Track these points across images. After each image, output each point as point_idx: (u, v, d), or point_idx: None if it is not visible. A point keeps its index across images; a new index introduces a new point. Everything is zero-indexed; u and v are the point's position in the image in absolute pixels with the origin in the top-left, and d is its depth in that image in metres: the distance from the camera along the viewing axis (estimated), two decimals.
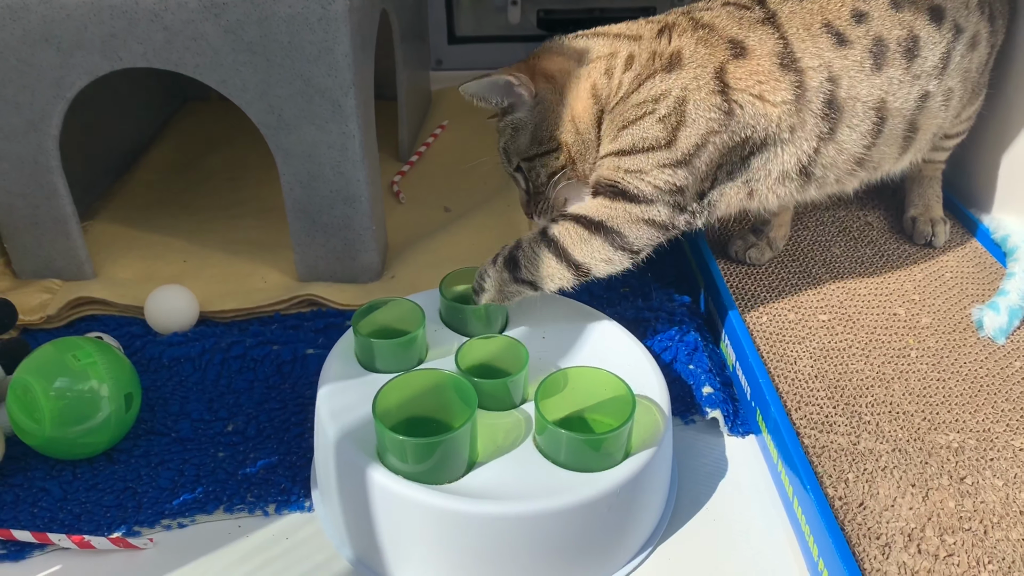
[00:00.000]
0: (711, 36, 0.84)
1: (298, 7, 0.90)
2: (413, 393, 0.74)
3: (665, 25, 0.88)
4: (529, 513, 0.68)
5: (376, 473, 0.69)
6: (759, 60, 0.82)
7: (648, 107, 0.83)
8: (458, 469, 0.70)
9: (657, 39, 0.87)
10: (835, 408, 0.85)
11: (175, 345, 0.96)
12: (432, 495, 0.68)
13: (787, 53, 0.83)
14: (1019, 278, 1.00)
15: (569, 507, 0.68)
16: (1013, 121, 1.10)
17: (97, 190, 1.26)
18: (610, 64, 0.88)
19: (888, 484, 0.77)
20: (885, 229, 1.14)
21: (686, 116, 0.81)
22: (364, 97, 0.98)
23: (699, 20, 0.85)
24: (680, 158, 0.82)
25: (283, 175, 0.99)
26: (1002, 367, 0.91)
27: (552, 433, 0.70)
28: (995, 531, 0.73)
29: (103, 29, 0.91)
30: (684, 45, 0.84)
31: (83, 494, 0.81)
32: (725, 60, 0.82)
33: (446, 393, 0.74)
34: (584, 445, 0.70)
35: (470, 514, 0.68)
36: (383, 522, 0.71)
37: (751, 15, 0.85)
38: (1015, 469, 0.79)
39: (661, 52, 0.85)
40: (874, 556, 0.71)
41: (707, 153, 0.82)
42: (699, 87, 0.81)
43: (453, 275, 0.89)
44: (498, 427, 0.75)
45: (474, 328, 0.86)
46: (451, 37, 1.73)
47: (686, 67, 0.83)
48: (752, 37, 0.83)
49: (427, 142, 1.43)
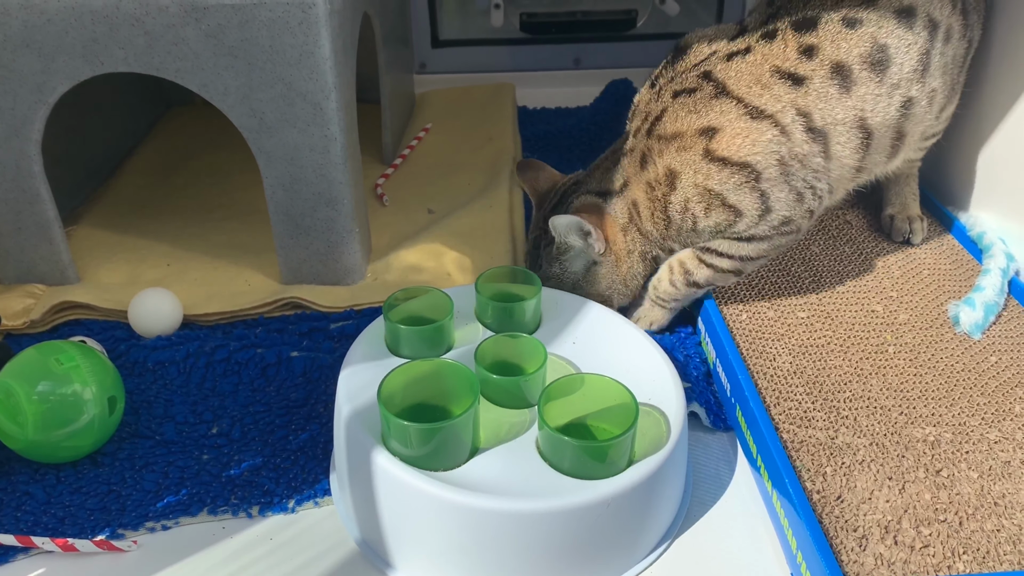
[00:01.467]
0: (682, 140, 0.89)
1: (279, 11, 0.90)
2: (420, 380, 0.76)
3: (640, 153, 0.94)
4: (515, 511, 0.68)
5: (379, 456, 0.71)
6: (731, 127, 0.87)
7: (689, 219, 0.91)
8: (458, 457, 0.71)
9: (642, 170, 0.93)
10: (813, 403, 0.86)
11: (159, 349, 0.96)
12: (430, 483, 0.69)
13: (750, 110, 0.87)
14: (994, 275, 1.01)
15: (557, 510, 0.68)
16: (989, 119, 1.12)
17: (80, 195, 1.26)
18: (632, 220, 0.96)
19: (865, 477, 0.78)
20: (863, 227, 1.16)
21: (724, 194, 0.89)
22: (346, 100, 0.99)
23: (663, 133, 0.91)
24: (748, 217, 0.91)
25: (265, 178, 1.00)
26: (978, 362, 0.92)
27: (552, 438, 0.70)
28: (970, 522, 0.74)
29: (84, 34, 0.91)
30: (669, 162, 0.90)
31: (67, 497, 0.81)
32: (706, 146, 0.88)
33: (452, 382, 0.76)
34: (581, 451, 0.70)
35: (462, 506, 0.68)
36: (384, 504, 0.72)
37: (703, 94, 0.89)
38: (990, 461, 0.80)
39: (657, 179, 0.92)
40: (851, 548, 0.72)
41: (761, 192, 0.89)
42: (707, 176, 0.88)
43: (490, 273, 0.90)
44: (503, 423, 0.76)
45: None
46: (435, 41, 1.74)
47: (684, 175, 0.89)
48: (713, 115, 0.88)
49: (411, 145, 1.44)
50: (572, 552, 0.71)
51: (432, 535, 0.71)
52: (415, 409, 0.76)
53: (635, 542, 0.75)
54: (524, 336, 0.82)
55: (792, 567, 0.75)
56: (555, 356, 0.84)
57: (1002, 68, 1.10)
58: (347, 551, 0.77)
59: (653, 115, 0.92)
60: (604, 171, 0.98)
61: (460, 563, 0.72)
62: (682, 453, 0.78)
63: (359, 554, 0.77)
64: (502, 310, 0.86)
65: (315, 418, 0.90)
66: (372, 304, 1.04)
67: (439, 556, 0.72)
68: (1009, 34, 1.08)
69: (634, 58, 1.74)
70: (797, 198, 0.89)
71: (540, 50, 1.76)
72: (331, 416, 0.89)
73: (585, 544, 0.71)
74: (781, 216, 0.90)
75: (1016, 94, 1.07)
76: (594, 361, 0.84)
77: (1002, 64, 1.10)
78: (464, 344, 0.85)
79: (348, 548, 0.77)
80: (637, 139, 0.94)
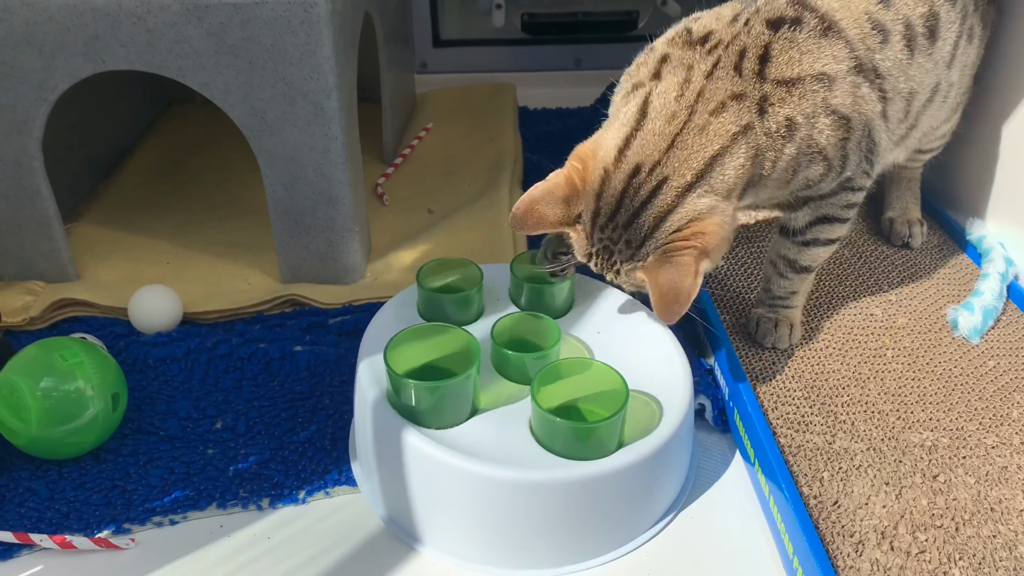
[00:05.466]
0: (803, 87, 0.78)
1: (280, 10, 0.90)
2: (429, 344, 0.80)
3: (756, 99, 0.78)
4: (511, 479, 0.71)
5: (406, 431, 0.74)
6: (844, 79, 0.79)
7: (790, 172, 0.80)
8: (457, 416, 0.75)
9: (760, 118, 0.77)
10: (811, 408, 0.86)
11: (160, 345, 0.96)
12: (452, 454, 0.72)
13: (857, 63, 0.80)
14: (993, 279, 1.01)
15: (538, 483, 0.71)
16: (990, 125, 1.12)
17: (81, 192, 1.26)
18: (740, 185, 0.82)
19: (862, 482, 0.78)
20: (863, 230, 1.16)
21: (827, 148, 0.80)
22: (347, 99, 0.99)
23: (781, 77, 0.78)
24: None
25: (266, 177, 1.00)
26: (976, 367, 0.92)
27: (542, 418, 0.73)
28: (966, 528, 0.75)
29: (86, 32, 0.91)
30: (791, 111, 0.78)
31: (70, 493, 0.81)
32: (825, 97, 0.79)
33: (458, 347, 0.79)
34: (568, 432, 0.72)
35: (459, 470, 0.72)
36: (412, 479, 0.75)
37: (810, 29, 0.79)
38: (987, 467, 0.80)
39: (777, 129, 0.78)
40: (847, 554, 0.72)
41: (845, 150, 0.82)
42: (821, 130, 0.79)
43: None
44: (502, 394, 0.79)
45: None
46: (436, 40, 1.74)
47: (803, 127, 0.78)
48: (826, 60, 0.79)
49: (411, 144, 1.44)
50: (561, 525, 0.74)
51: (452, 507, 0.74)
52: (424, 369, 0.80)
53: (630, 519, 0.77)
54: (544, 317, 0.83)
55: (788, 572, 0.75)
56: (574, 339, 0.86)
57: (1005, 76, 1.10)
58: (363, 537, 0.79)
59: (754, 51, 0.77)
60: (692, 147, 0.76)
61: (474, 532, 0.75)
62: (679, 443, 0.79)
63: (379, 538, 0.78)
64: (534, 291, 0.88)
65: (321, 410, 0.91)
66: (371, 300, 1.04)
67: (457, 526, 0.75)
68: (1013, 43, 1.08)
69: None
70: (860, 161, 0.84)
71: (541, 50, 1.76)
72: (337, 408, 0.90)
73: (577, 518, 0.74)
74: (847, 175, 0.83)
75: (1017, 101, 1.07)
76: (611, 348, 0.85)
77: (1005, 70, 1.10)
78: (493, 316, 0.87)
79: (364, 534, 0.79)
80: (746, 82, 0.77)
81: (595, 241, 0.79)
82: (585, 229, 0.79)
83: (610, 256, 0.79)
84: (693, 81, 0.77)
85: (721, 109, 0.76)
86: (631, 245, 0.77)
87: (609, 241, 0.78)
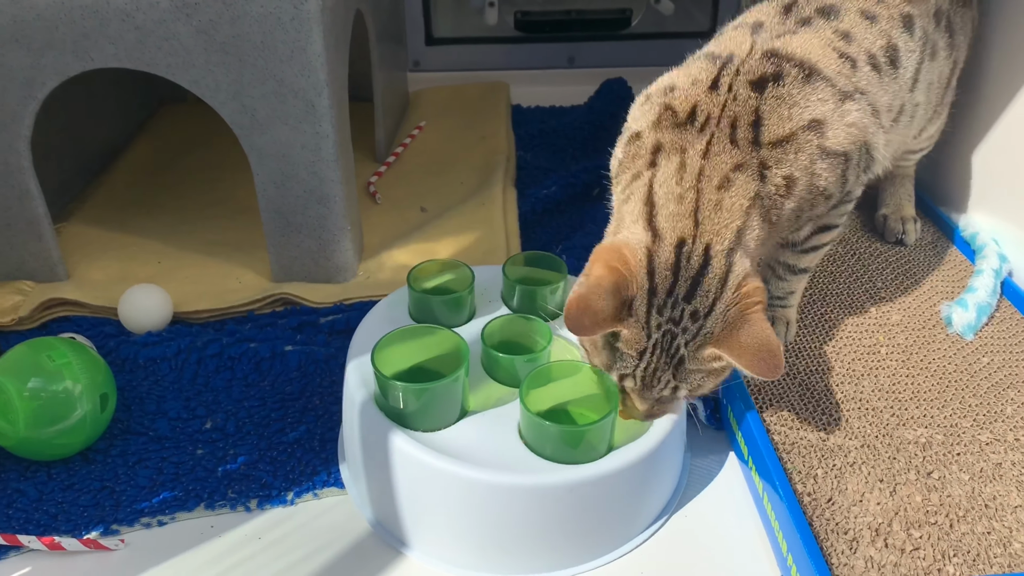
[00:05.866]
0: (796, 141, 0.77)
1: (270, 7, 0.90)
2: (417, 346, 0.79)
3: (756, 166, 0.76)
4: (484, 483, 0.71)
5: (394, 434, 0.74)
6: (833, 116, 0.79)
7: (794, 218, 0.81)
8: (446, 418, 0.75)
9: (762, 183, 0.76)
10: (805, 405, 0.86)
11: (150, 345, 0.96)
12: (441, 458, 0.71)
13: (841, 92, 0.80)
14: (987, 275, 1.01)
15: (526, 488, 0.71)
16: (983, 122, 1.12)
17: (71, 192, 1.25)
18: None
19: (856, 479, 0.78)
20: (857, 227, 1.16)
21: (828, 186, 0.80)
22: (338, 97, 0.99)
23: (774, 138, 0.76)
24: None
25: (257, 175, 0.99)
26: (970, 363, 0.92)
27: (531, 422, 0.72)
28: (960, 524, 0.74)
29: (74, 29, 0.91)
30: (789, 170, 0.77)
31: (59, 494, 0.80)
32: (820, 143, 0.78)
33: (446, 349, 0.79)
34: (557, 435, 0.71)
35: (447, 474, 0.71)
36: (400, 483, 0.75)
37: (792, 79, 0.78)
38: (981, 463, 0.80)
39: (777, 190, 0.77)
40: (841, 551, 0.72)
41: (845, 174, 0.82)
42: (818, 173, 0.79)
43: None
44: (492, 397, 0.78)
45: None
46: (428, 38, 1.73)
47: (801, 179, 0.78)
48: (814, 104, 0.78)
49: (404, 143, 1.43)
50: (551, 529, 0.73)
51: (439, 510, 0.74)
52: (413, 371, 0.80)
53: (622, 523, 0.77)
54: (535, 319, 0.83)
55: (783, 570, 0.74)
56: (567, 342, 0.85)
57: (998, 72, 1.10)
58: (352, 540, 0.78)
59: (745, 119, 0.76)
60: (717, 221, 0.73)
61: (461, 537, 0.74)
62: (671, 446, 0.78)
63: (367, 540, 0.78)
64: (526, 293, 0.88)
65: (311, 410, 0.90)
66: (363, 299, 1.03)
67: (445, 530, 0.75)
68: (1005, 39, 1.08)
69: (629, 57, 1.73)
70: (859, 176, 0.84)
71: (534, 49, 1.76)
72: (327, 408, 0.90)
73: (567, 523, 0.73)
74: (847, 190, 0.84)
75: (1010, 98, 1.07)
76: None
77: (998, 68, 1.10)
78: (484, 318, 0.86)
79: (353, 537, 0.78)
80: (743, 152, 0.75)
81: (653, 329, 0.71)
82: (639, 319, 0.71)
83: (672, 341, 0.71)
84: (690, 164, 0.75)
85: (727, 184, 0.74)
86: (698, 317, 0.71)
87: (671, 323, 0.71)
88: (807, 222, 0.84)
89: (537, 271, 0.91)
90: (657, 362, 0.72)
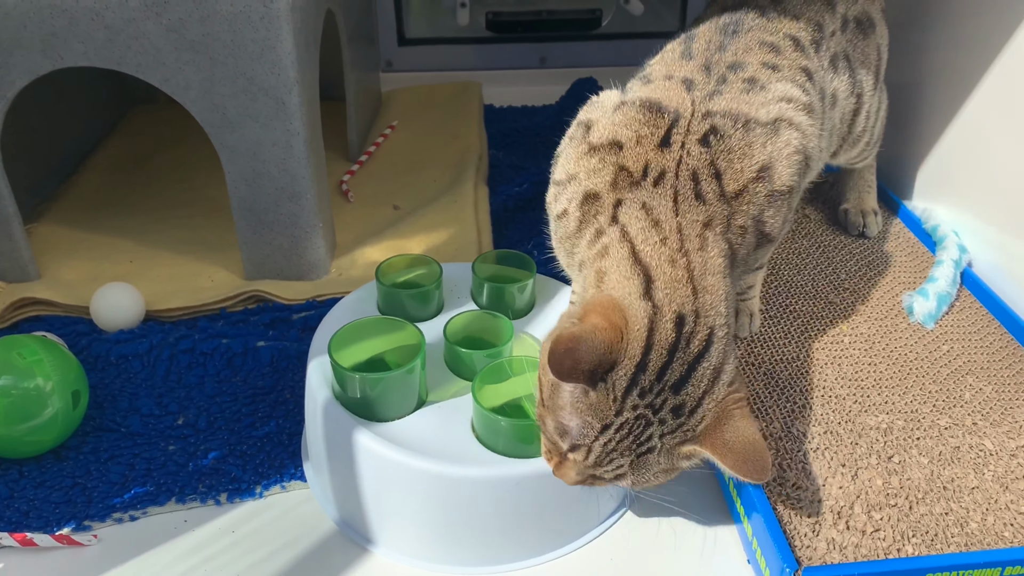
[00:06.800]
0: (749, 193, 0.76)
1: (240, 5, 0.90)
2: (377, 338, 0.80)
3: (724, 217, 0.75)
4: (436, 474, 0.72)
5: (357, 431, 0.74)
6: (779, 156, 0.78)
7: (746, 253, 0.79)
8: (402, 408, 0.76)
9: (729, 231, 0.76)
10: (770, 393, 0.88)
11: (122, 342, 0.96)
12: (403, 453, 0.72)
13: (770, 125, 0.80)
14: (947, 266, 1.04)
15: (475, 479, 0.72)
16: (941, 118, 1.14)
17: (42, 192, 1.25)
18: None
19: (819, 464, 0.80)
20: (821, 221, 1.18)
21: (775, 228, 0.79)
22: (308, 95, 0.99)
23: (731, 192, 0.75)
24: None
25: (228, 173, 1.00)
26: (930, 351, 0.94)
27: (481, 415, 0.73)
28: (919, 506, 0.76)
29: (43, 28, 0.91)
30: (743, 221, 0.76)
31: (31, 491, 0.81)
32: (769, 189, 0.77)
33: (405, 341, 0.80)
34: (503, 428, 0.72)
35: (401, 465, 0.72)
36: (363, 477, 0.75)
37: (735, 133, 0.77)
38: (940, 447, 0.82)
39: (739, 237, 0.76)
40: (804, 533, 0.73)
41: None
42: (767, 214, 0.78)
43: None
44: (452, 391, 0.79)
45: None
46: (401, 39, 1.74)
47: (751, 226, 0.77)
48: (757, 150, 0.78)
49: (376, 142, 1.44)
50: (508, 521, 0.74)
51: (397, 503, 0.74)
52: (372, 363, 0.81)
53: (581, 513, 0.78)
54: (499, 316, 0.84)
55: (748, 552, 0.76)
56: (531, 338, 0.87)
57: (952, 70, 1.12)
58: (322, 534, 0.79)
59: (706, 172, 0.74)
60: (712, 291, 0.70)
61: (420, 529, 0.75)
62: None
63: (335, 536, 0.78)
64: (494, 290, 0.89)
65: (282, 404, 0.91)
66: (335, 295, 1.04)
67: (403, 523, 0.75)
68: (956, 38, 1.11)
69: (599, 57, 1.75)
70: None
71: (506, 49, 1.77)
72: (297, 403, 0.90)
73: (523, 515, 0.74)
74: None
75: (965, 94, 1.10)
76: None
77: (952, 65, 1.12)
78: (452, 313, 0.87)
79: (323, 531, 0.79)
80: (712, 206, 0.74)
81: (628, 408, 0.64)
82: (614, 391, 0.64)
83: (645, 429, 0.65)
84: (664, 222, 0.72)
85: (705, 244, 0.71)
86: (681, 412, 0.66)
87: (649, 409, 0.65)
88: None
89: (507, 269, 0.92)
90: (617, 445, 0.66)
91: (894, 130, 1.19)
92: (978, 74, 1.08)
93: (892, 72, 1.08)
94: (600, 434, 0.65)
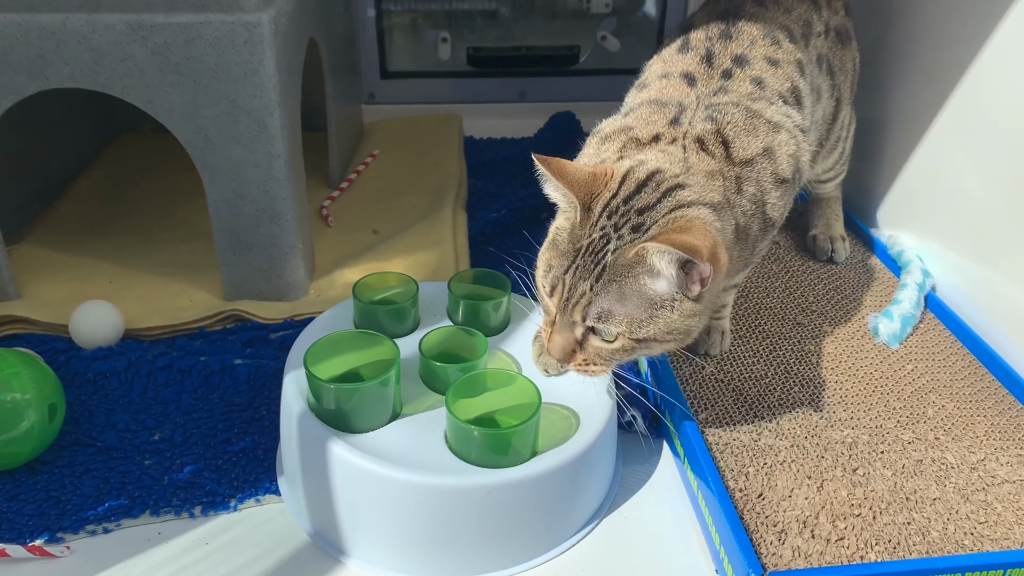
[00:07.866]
0: (756, 165, 0.82)
1: (224, 30, 0.93)
2: (352, 352, 0.82)
3: (734, 177, 0.81)
4: (407, 483, 0.73)
5: (331, 443, 0.75)
6: (780, 144, 0.84)
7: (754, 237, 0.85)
8: (377, 420, 0.77)
9: (739, 195, 0.81)
10: (739, 409, 0.90)
11: (100, 359, 0.97)
12: (376, 462, 0.73)
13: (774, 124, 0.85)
14: (911, 289, 1.07)
15: (447, 489, 0.73)
16: (906, 146, 1.18)
17: (24, 215, 1.26)
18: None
19: (786, 476, 0.82)
20: (790, 247, 1.21)
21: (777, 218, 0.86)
22: (290, 118, 1.02)
23: (741, 158, 0.82)
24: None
25: (209, 194, 1.01)
26: (895, 370, 0.97)
27: (454, 426, 0.74)
28: (883, 516, 0.78)
29: (30, 50, 0.93)
30: (754, 190, 0.82)
31: (3, 504, 0.81)
32: (774, 171, 0.83)
33: (380, 355, 0.81)
34: (476, 439, 0.73)
35: (375, 475, 0.73)
36: (336, 489, 0.76)
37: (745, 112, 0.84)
38: (903, 460, 0.84)
39: (752, 205, 0.83)
40: (770, 542, 0.75)
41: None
42: (772, 197, 0.84)
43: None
44: (427, 406, 0.80)
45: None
46: (384, 72, 1.77)
47: (758, 202, 0.83)
48: (762, 134, 0.84)
49: (357, 170, 1.46)
50: (480, 531, 0.75)
51: (370, 513, 0.75)
52: (348, 376, 0.82)
53: (552, 525, 0.79)
54: (474, 332, 0.85)
55: (715, 562, 0.77)
56: (505, 355, 0.88)
57: (914, 104, 1.16)
58: (296, 546, 0.79)
59: (713, 137, 0.81)
60: (702, 177, 0.77)
61: (393, 540, 0.76)
62: (598, 453, 0.80)
63: (308, 548, 0.79)
64: (470, 308, 0.91)
65: (257, 420, 0.92)
66: (313, 315, 1.05)
67: (377, 534, 0.76)
68: (917, 75, 1.15)
69: (577, 92, 1.79)
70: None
71: (487, 83, 1.81)
72: (273, 420, 0.91)
73: (495, 525, 0.75)
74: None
75: (926, 127, 1.14)
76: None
77: (914, 100, 1.16)
78: (428, 329, 0.88)
79: (297, 543, 0.79)
80: (719, 161, 0.80)
81: (597, 229, 0.73)
82: (590, 215, 0.74)
83: (605, 245, 0.72)
84: (673, 152, 0.79)
85: (712, 175, 0.78)
86: (639, 229, 0.73)
87: (612, 228, 0.73)
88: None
89: (481, 288, 0.94)
90: (583, 267, 0.73)
91: (860, 161, 1.23)
92: (937, 108, 1.12)
93: (859, 107, 1.12)
94: (574, 260, 0.73)
